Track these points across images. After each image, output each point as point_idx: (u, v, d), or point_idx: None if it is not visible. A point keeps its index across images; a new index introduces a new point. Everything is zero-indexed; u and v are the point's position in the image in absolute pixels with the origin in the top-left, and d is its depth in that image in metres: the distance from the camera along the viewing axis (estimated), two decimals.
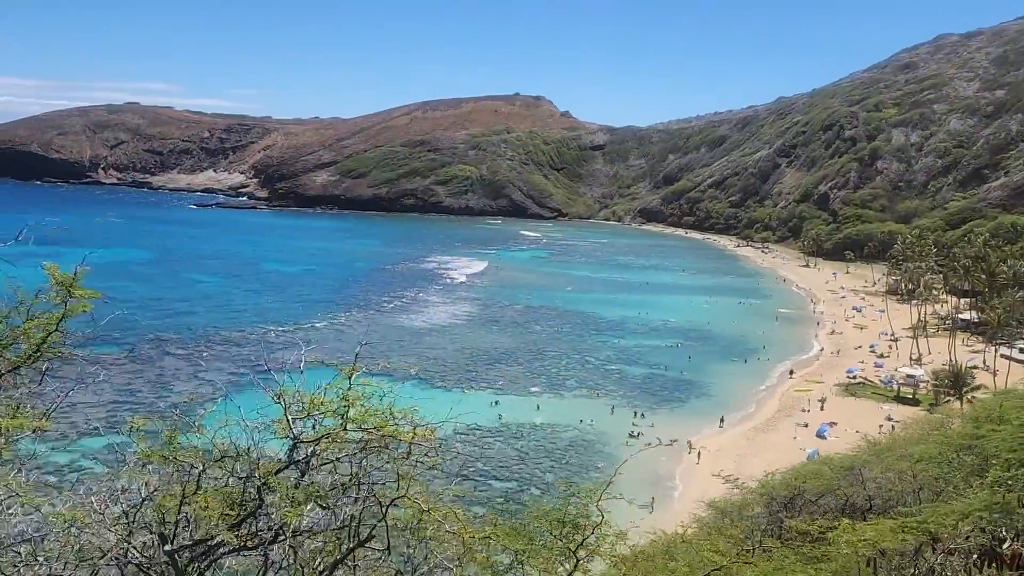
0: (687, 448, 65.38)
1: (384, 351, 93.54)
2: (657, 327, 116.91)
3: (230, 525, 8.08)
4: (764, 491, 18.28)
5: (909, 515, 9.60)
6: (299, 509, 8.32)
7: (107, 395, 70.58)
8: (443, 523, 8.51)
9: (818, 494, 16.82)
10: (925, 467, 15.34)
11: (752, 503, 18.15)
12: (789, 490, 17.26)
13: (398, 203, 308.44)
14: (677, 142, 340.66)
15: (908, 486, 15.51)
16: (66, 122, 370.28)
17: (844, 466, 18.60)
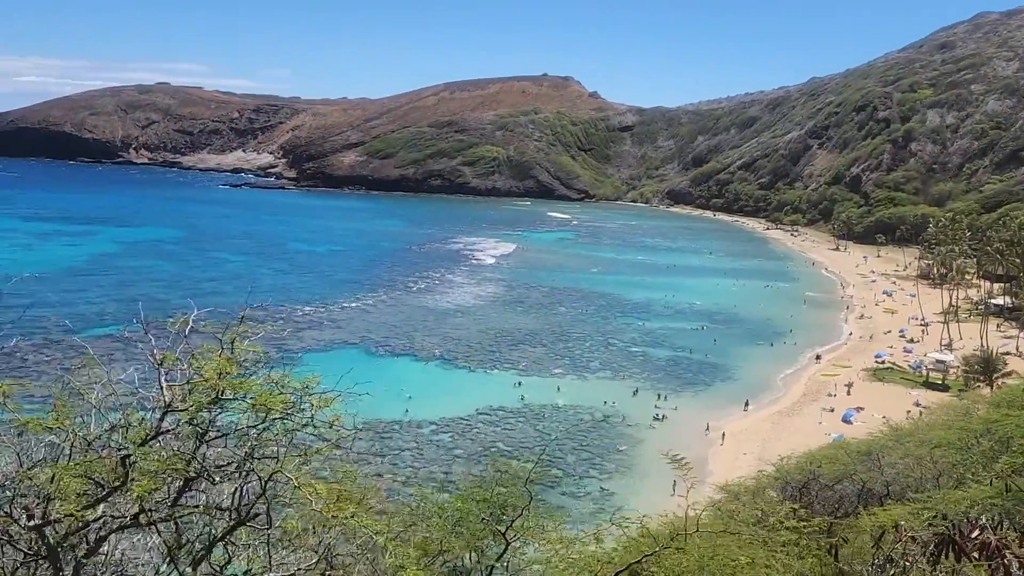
0: (710, 431, 64.94)
1: (408, 331, 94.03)
2: (683, 310, 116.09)
3: (92, 502, 7.43)
4: (778, 475, 18.01)
5: (922, 502, 9.34)
6: (150, 483, 7.45)
7: (135, 372, 71.52)
8: (312, 500, 7.59)
9: (834, 479, 16.52)
10: (944, 453, 14.98)
11: (766, 487, 17.89)
12: (804, 475, 16.97)
13: (425, 184, 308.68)
14: (707, 123, 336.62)
15: (928, 472, 15.18)
16: (98, 102, 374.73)
17: (861, 451, 18.24)
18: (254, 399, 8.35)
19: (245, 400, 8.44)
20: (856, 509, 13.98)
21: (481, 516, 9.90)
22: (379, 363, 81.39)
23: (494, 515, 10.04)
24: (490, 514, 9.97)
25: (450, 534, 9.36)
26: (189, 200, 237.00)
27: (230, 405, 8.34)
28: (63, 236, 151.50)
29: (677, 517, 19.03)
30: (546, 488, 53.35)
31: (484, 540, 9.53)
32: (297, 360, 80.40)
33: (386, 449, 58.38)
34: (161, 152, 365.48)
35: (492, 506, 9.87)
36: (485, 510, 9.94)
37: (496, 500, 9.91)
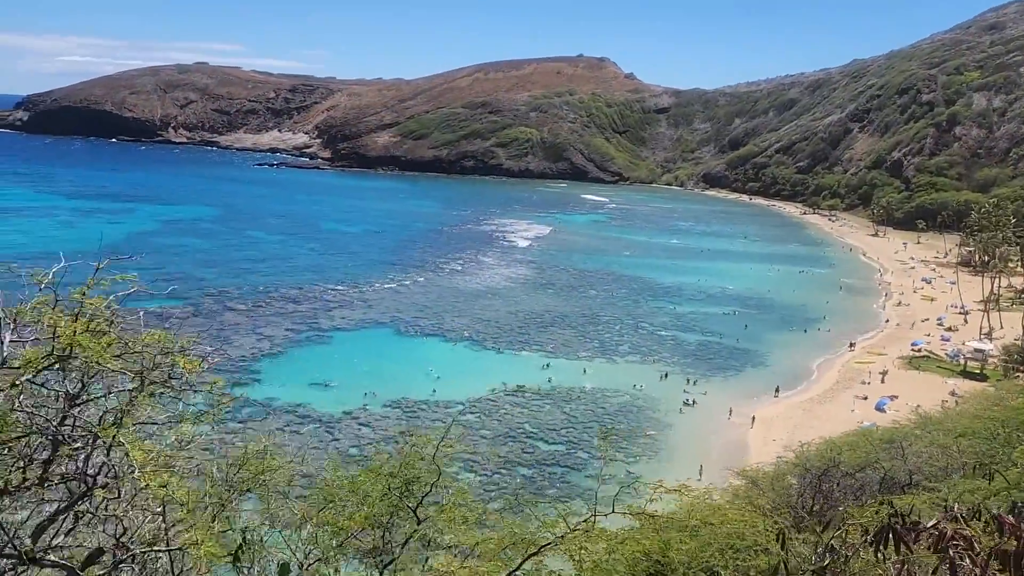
0: (738, 416, 64.28)
1: (438, 312, 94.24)
2: (715, 294, 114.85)
3: None
4: (798, 462, 17.61)
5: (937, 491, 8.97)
6: None
7: None
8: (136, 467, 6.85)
9: (856, 467, 16.09)
10: (971, 442, 14.49)
11: (785, 473, 17.53)
12: (824, 462, 16.54)
13: (458, 165, 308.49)
14: (744, 105, 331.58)
15: (954, 462, 14.72)
16: (138, 81, 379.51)
17: (884, 439, 17.75)
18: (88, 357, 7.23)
19: (80, 359, 7.30)
20: (875, 499, 13.62)
21: (384, 492, 9.18)
22: (408, 343, 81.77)
23: (399, 490, 9.31)
24: (398, 489, 9.27)
25: (360, 511, 8.81)
26: (225, 179, 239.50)
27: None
28: (103, 213, 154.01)
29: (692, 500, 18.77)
30: (571, 470, 53.52)
31: (395, 517, 8.99)
32: (327, 338, 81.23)
33: (412, 428, 58.55)
34: (199, 131, 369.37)
35: (398, 480, 9.22)
36: (392, 485, 9.27)
37: (402, 474, 9.22)
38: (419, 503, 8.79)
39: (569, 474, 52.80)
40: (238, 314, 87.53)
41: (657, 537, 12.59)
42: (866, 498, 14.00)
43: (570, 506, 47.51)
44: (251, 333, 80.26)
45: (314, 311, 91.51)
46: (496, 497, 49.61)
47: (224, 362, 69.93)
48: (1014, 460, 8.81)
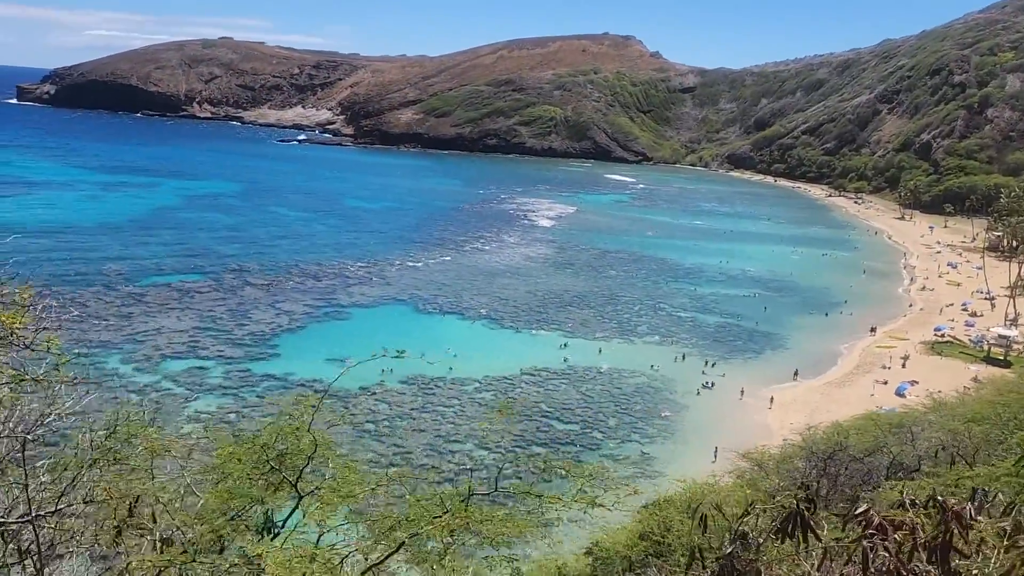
0: (752, 398, 63.87)
1: (457, 290, 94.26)
2: (736, 276, 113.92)
3: None
4: (804, 445, 17.34)
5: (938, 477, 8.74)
6: None
7: (190, 321, 73.46)
8: None
9: (864, 451, 15.78)
10: (982, 428, 14.16)
11: (792, 456, 17.27)
12: (830, 445, 16.27)
13: (480, 143, 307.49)
14: (771, 86, 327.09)
15: (966, 447, 14.39)
16: (163, 56, 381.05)
17: (893, 423, 17.41)
18: None
19: None
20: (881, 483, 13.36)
21: (255, 464, 8.38)
22: (426, 320, 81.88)
23: (269, 463, 8.48)
24: (268, 462, 8.42)
25: (245, 484, 8.17)
26: (248, 155, 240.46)
27: None
28: (127, 187, 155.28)
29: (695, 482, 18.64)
30: (585, 450, 53.46)
31: (280, 492, 8.40)
32: (345, 314, 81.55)
33: (428, 405, 58.85)
34: (223, 106, 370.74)
35: (272, 452, 8.41)
36: (266, 457, 8.45)
37: (274, 444, 8.41)
38: (298, 477, 8.21)
39: (583, 454, 52.70)
40: (258, 289, 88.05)
41: (656, 518, 12.54)
42: (874, 483, 13.79)
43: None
44: (270, 308, 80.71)
45: (333, 287, 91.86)
46: (511, 475, 49.79)
47: (243, 336, 70.63)
48: (1011, 446, 8.56)
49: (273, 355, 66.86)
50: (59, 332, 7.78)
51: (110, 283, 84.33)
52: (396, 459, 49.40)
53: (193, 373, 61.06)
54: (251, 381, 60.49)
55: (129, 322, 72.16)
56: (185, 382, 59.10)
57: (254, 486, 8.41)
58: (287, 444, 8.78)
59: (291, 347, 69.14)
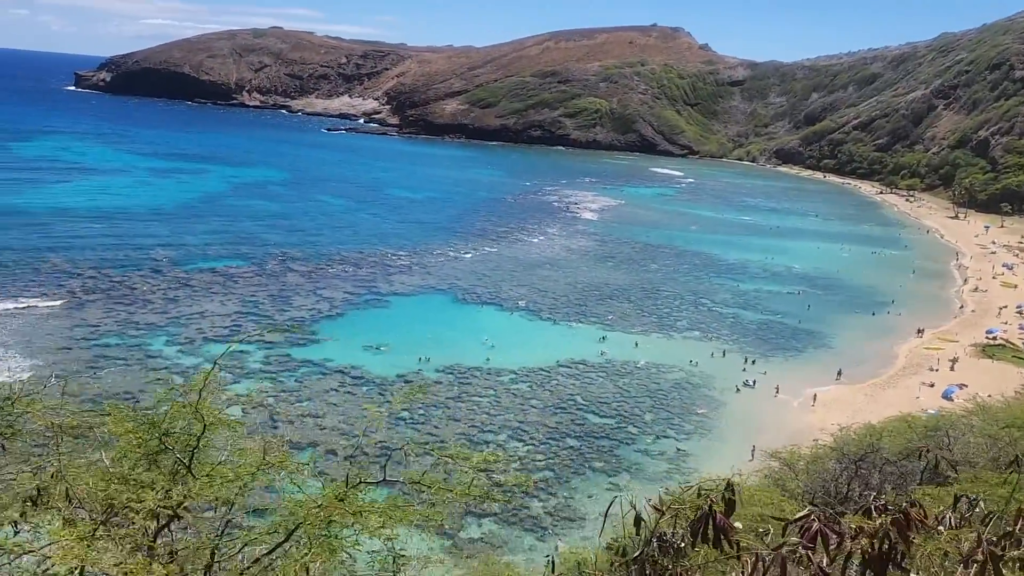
0: (791, 396, 62.75)
1: (496, 281, 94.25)
2: (780, 273, 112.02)
3: None
4: (835, 446, 16.80)
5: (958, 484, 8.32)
6: None
7: (232, 305, 74.63)
8: None
9: (898, 455, 15.19)
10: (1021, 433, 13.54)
11: (824, 457, 16.74)
12: (862, 446, 15.70)
13: (525, 134, 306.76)
14: (823, 79, 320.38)
15: (1006, 453, 13.76)
16: (215, 45, 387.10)
17: (929, 426, 16.75)
18: None
19: None
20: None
21: (138, 444, 7.82)
22: (464, 310, 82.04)
23: (157, 442, 7.95)
24: (156, 441, 7.88)
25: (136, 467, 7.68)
26: (295, 143, 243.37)
27: None
28: (178, 174, 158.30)
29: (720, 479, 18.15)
30: (620, 444, 53.08)
31: (179, 476, 7.91)
32: (385, 302, 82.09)
33: (464, 395, 58.94)
34: (272, 95, 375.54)
35: (157, 432, 7.84)
36: (151, 437, 7.91)
37: (160, 422, 7.85)
38: (191, 458, 7.70)
39: (618, 448, 52.37)
40: (300, 275, 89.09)
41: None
42: (909, 487, 13.27)
43: (618, 480, 47.18)
44: (311, 294, 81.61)
45: (374, 275, 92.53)
46: (544, 467, 49.65)
47: (284, 322, 71.54)
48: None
49: (312, 341, 67.59)
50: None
51: (158, 267, 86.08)
52: (430, 447, 49.55)
53: (234, 356, 61.94)
54: (290, 366, 61.23)
55: (175, 305, 73.59)
56: (226, 365, 59.91)
57: (139, 466, 7.89)
58: (184, 424, 8.20)
59: (330, 333, 69.79)
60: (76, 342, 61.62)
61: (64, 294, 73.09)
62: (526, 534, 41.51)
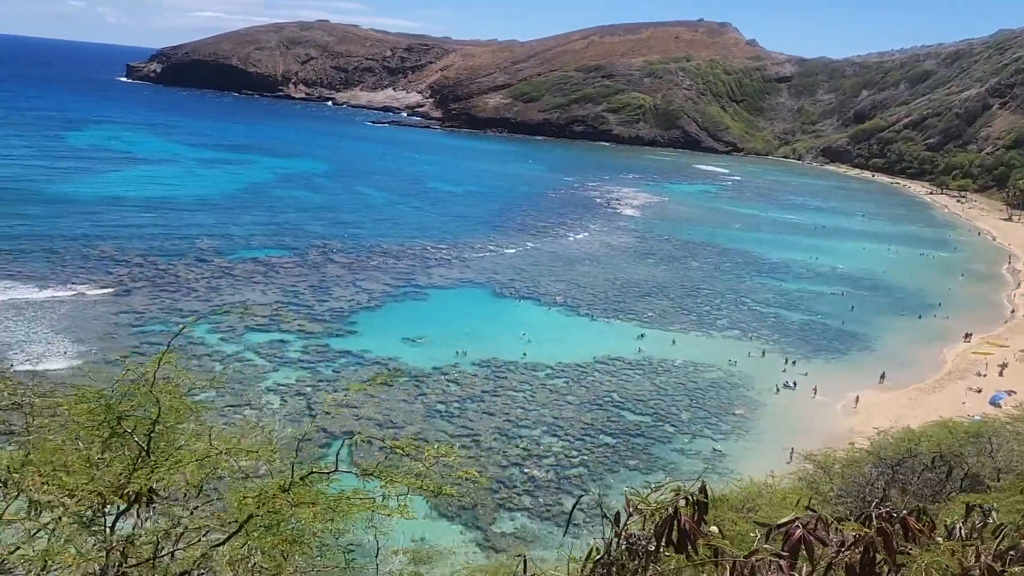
0: (831, 398, 61.62)
1: (535, 275, 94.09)
2: (824, 273, 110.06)
3: None
4: (872, 450, 16.36)
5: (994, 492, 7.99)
6: None
7: (274, 295, 75.60)
8: None
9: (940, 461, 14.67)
10: None
11: (860, 461, 16.33)
12: (899, 451, 15.24)
13: (567, 129, 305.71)
14: (873, 76, 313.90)
15: None
16: (263, 37, 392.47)
17: (970, 432, 16.21)
18: None
19: None
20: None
21: (97, 426, 7.44)
22: (502, 304, 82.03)
23: (109, 423, 7.61)
24: (109, 423, 7.54)
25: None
26: (339, 135, 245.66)
27: None
28: (224, 164, 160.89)
29: (753, 481, 17.95)
30: (656, 442, 52.63)
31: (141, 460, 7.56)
32: (423, 295, 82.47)
33: (500, 389, 58.94)
34: (317, 88, 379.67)
35: (113, 413, 7.48)
36: (108, 419, 7.57)
37: (116, 404, 7.49)
38: (149, 440, 7.28)
39: (653, 446, 51.94)
40: (340, 266, 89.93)
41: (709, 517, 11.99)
42: (947, 494, 12.86)
43: (652, 479, 46.81)
44: (351, 285, 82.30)
45: (413, 268, 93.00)
46: (578, 463, 49.46)
47: (323, 312, 72.29)
48: None
49: (351, 332, 68.15)
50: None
51: (202, 256, 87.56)
52: (465, 440, 49.70)
53: (274, 345, 62.83)
54: (328, 356, 61.83)
55: (218, 293, 74.79)
56: (266, 354, 60.87)
57: (96, 449, 7.54)
58: (144, 407, 7.81)
59: (369, 325, 70.32)
60: (121, 328, 62.95)
61: (111, 281, 74.72)
62: (558, 529, 41.38)
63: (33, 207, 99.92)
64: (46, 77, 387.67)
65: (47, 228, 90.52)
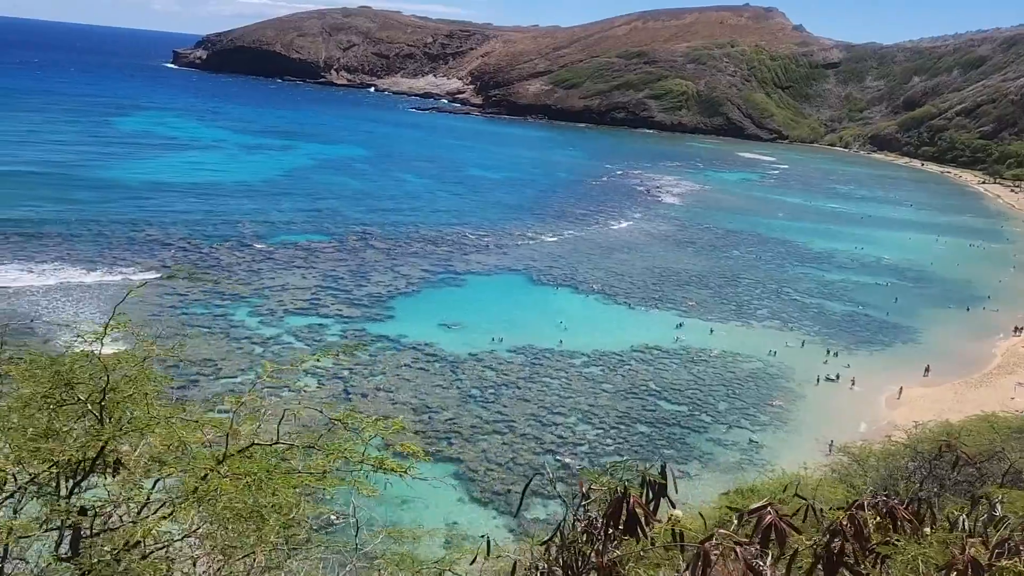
0: (870, 390, 60.43)
1: (572, 263, 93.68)
2: (869, 263, 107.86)
3: None
4: (909, 443, 15.90)
5: None
6: None
7: (313, 279, 76.36)
8: None
9: (977, 457, 14.18)
10: None
11: (897, 454, 15.88)
12: (937, 445, 14.72)
13: (608, 116, 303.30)
14: (925, 62, 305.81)
15: None
16: (305, 24, 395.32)
17: (1013, 427, 15.63)
18: None
19: None
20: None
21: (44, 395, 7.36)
22: (539, 292, 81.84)
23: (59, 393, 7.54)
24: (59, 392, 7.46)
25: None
26: (380, 121, 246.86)
27: None
28: (266, 149, 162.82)
29: (785, 472, 17.59)
30: (691, 432, 52.15)
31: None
32: (460, 281, 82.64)
33: (535, 376, 58.85)
34: (359, 74, 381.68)
35: (62, 379, 7.20)
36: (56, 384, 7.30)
37: (65, 371, 7.16)
38: (101, 411, 6.96)
39: (689, 436, 51.46)
40: (379, 252, 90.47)
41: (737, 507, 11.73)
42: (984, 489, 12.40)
43: (687, 468, 46.44)
44: (389, 271, 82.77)
45: (450, 254, 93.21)
46: (612, 451, 49.23)
47: (362, 297, 72.84)
48: None
49: (388, 316, 68.58)
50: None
51: (244, 240, 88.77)
52: (499, 426, 49.78)
53: (313, 329, 63.50)
54: (365, 340, 62.24)
55: (258, 277, 75.77)
56: (305, 337, 61.55)
57: (44, 417, 7.15)
58: (100, 377, 7.53)
59: (406, 310, 70.69)
60: (165, 310, 64.09)
61: (156, 264, 76.11)
62: None
63: (83, 191, 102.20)
64: (99, 64, 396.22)
65: (95, 212, 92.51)
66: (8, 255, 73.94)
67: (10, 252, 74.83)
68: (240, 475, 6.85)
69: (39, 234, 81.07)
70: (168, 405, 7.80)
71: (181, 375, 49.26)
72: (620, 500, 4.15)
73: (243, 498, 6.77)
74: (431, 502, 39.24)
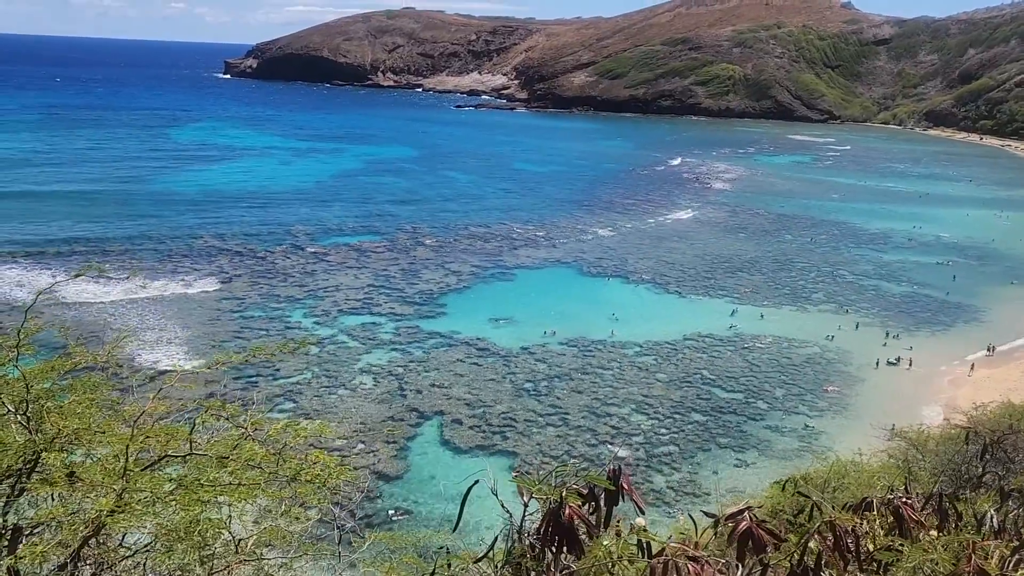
0: (927, 370, 59.11)
1: (622, 254, 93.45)
2: (928, 242, 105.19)
3: None
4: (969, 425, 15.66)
5: None
6: None
7: (365, 279, 77.68)
8: None
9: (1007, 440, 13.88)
10: None
11: (955, 438, 15.64)
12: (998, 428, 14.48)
13: (654, 105, 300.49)
14: (981, 34, 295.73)
15: None
16: (351, 28, 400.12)
17: None
18: None
19: None
20: None
21: None
22: (589, 283, 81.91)
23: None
24: None
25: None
26: (426, 121, 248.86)
27: None
28: (316, 153, 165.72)
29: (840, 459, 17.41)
30: (748, 420, 51.77)
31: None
32: (511, 275, 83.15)
33: (588, 367, 59.02)
34: (405, 75, 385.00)
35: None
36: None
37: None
38: (28, 420, 6.41)
39: (745, 423, 51.08)
40: (429, 249, 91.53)
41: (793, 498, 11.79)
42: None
43: (744, 457, 46.15)
44: (440, 268, 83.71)
45: (500, 249, 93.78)
46: (667, 441, 49.15)
47: (414, 295, 73.88)
48: None
49: (440, 313, 69.45)
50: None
51: (297, 242, 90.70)
52: (553, 419, 50.11)
53: (367, 328, 64.68)
54: (419, 338, 63.18)
55: (312, 278, 77.41)
56: (359, 336, 62.74)
57: None
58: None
59: (457, 306, 71.48)
60: (224, 314, 66.00)
61: (214, 270, 78.31)
62: (649, 508, 41.36)
63: (145, 204, 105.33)
64: (157, 77, 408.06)
65: (156, 223, 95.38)
66: (74, 269, 76.85)
67: (76, 266, 77.76)
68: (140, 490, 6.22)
69: (104, 251, 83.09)
70: (110, 415, 7.20)
71: (241, 377, 50.81)
72: (555, 511, 3.69)
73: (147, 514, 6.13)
74: (491, 497, 39.81)
